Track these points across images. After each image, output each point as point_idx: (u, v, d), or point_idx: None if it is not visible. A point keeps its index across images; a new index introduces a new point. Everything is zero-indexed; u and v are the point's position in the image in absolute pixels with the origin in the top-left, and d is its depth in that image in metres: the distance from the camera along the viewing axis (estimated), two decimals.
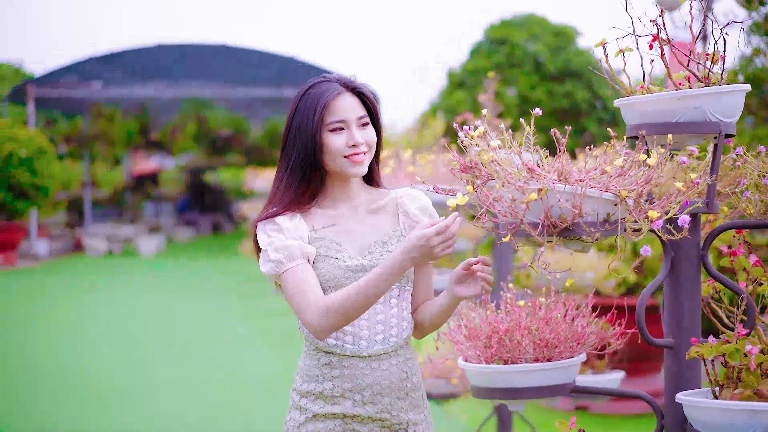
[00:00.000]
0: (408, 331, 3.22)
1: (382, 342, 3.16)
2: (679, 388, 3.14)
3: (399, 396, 3.17)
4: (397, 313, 3.19)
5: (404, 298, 3.22)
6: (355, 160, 3.17)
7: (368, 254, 3.17)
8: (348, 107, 3.19)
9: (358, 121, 3.20)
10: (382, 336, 3.15)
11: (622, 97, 3.23)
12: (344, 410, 3.12)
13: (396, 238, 3.20)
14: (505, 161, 2.96)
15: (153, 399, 8.69)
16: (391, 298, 3.18)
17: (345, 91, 3.21)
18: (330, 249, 3.15)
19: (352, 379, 3.12)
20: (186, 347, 11.51)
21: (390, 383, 3.15)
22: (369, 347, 3.14)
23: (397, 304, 3.19)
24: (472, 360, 3.54)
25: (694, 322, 3.20)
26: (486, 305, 3.58)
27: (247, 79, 26.47)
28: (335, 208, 3.24)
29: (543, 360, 3.44)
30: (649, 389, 7.53)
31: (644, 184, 2.87)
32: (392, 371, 3.15)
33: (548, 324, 3.46)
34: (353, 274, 3.13)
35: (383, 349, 3.15)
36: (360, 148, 3.17)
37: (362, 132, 3.20)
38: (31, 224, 23.12)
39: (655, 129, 3.10)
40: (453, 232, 2.96)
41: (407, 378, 3.20)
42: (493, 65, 22.88)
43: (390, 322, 3.17)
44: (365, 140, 3.20)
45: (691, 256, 3.19)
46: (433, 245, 2.93)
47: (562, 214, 2.88)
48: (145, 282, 18.65)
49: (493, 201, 2.92)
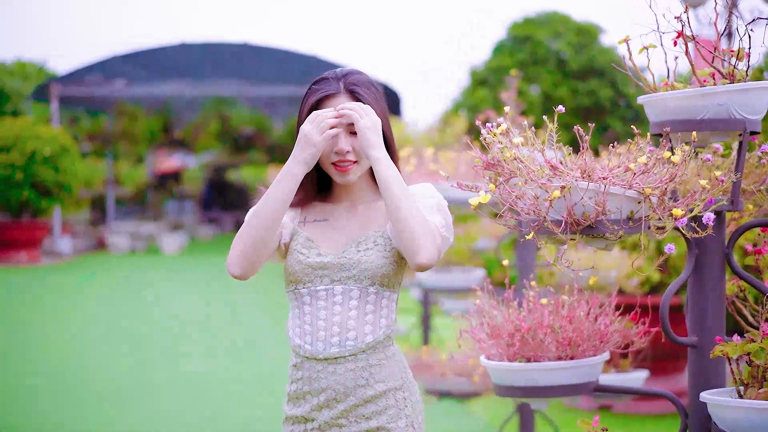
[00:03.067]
0: (372, 337, 3.00)
1: (338, 345, 2.98)
2: (703, 387, 3.12)
3: (357, 403, 2.98)
4: (357, 317, 3.00)
5: (369, 302, 3.02)
6: (340, 168, 3.04)
7: (342, 253, 3.03)
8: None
9: (347, 127, 3.01)
10: (337, 339, 2.98)
11: (646, 95, 3.21)
12: (304, 413, 3.03)
13: (373, 237, 3.03)
14: (528, 158, 2.95)
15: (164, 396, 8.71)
16: (350, 300, 3.00)
17: (341, 92, 3.06)
18: (302, 245, 3.06)
19: (311, 382, 3.00)
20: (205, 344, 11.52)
21: (345, 389, 2.98)
22: (325, 349, 2.99)
23: (357, 307, 3.00)
24: (495, 358, 3.53)
25: (719, 321, 3.18)
26: (509, 303, 3.57)
27: (270, 78, 26.50)
28: (334, 203, 3.15)
29: (566, 358, 3.43)
30: (674, 388, 7.49)
31: (668, 181, 2.85)
32: (348, 376, 2.98)
33: (571, 322, 3.44)
34: (312, 270, 3.02)
35: (339, 352, 2.98)
36: (346, 156, 3.02)
37: (352, 139, 3.03)
38: (54, 222, 23.21)
39: (679, 126, 3.08)
40: (325, 116, 2.96)
41: (368, 385, 2.99)
42: (516, 63, 22.83)
43: (347, 325, 2.99)
44: (355, 148, 3.03)
45: (716, 254, 3.17)
46: (307, 132, 2.93)
47: (585, 212, 2.86)
48: (168, 279, 18.70)
49: (516, 198, 2.91)
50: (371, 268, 2.99)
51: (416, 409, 3.08)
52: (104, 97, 28.03)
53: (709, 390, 3.03)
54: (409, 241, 2.88)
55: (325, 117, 2.96)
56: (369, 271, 2.99)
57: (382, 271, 3.00)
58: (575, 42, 23.61)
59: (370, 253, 3.01)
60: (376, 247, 3.02)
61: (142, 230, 26.37)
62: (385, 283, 3.02)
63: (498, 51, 24.16)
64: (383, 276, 3.01)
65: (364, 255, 3.00)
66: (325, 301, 3.01)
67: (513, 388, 3.43)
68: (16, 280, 17.89)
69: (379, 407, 2.99)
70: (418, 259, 2.86)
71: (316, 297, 3.02)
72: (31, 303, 14.94)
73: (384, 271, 3.01)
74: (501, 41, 24.35)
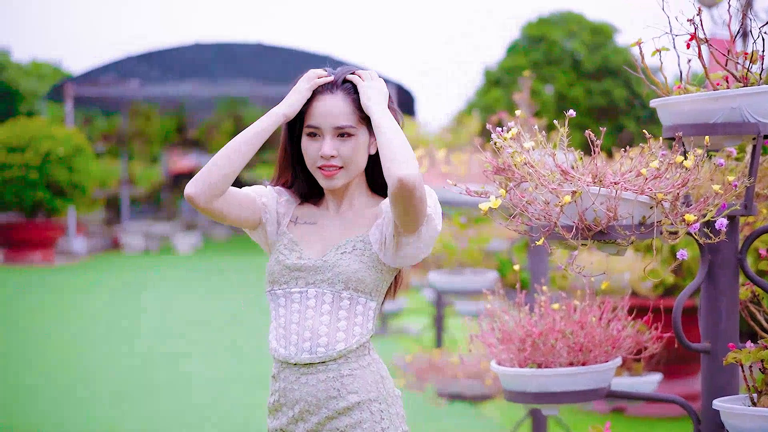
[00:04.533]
0: (345, 345, 2.89)
1: (309, 351, 2.88)
2: (716, 393, 3.09)
3: (330, 415, 2.88)
4: (330, 323, 2.89)
5: (343, 308, 2.90)
6: (326, 173, 2.92)
7: (322, 257, 2.94)
8: (327, 112, 2.92)
9: (335, 130, 2.90)
10: (309, 344, 2.88)
11: (659, 98, 3.18)
12: (282, 426, 2.95)
13: (352, 242, 2.93)
14: (538, 163, 2.92)
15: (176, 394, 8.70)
16: (323, 304, 2.90)
17: (335, 91, 2.94)
18: (284, 246, 3.00)
19: (285, 394, 2.92)
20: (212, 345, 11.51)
21: (317, 401, 2.88)
22: (297, 354, 2.89)
23: (330, 311, 2.89)
24: (506, 363, 3.50)
25: (732, 327, 3.15)
26: (520, 308, 3.54)
27: (283, 78, 26.44)
28: (326, 207, 3.05)
29: (577, 364, 3.40)
30: (687, 391, 7.44)
31: (681, 186, 2.82)
32: (319, 387, 2.88)
33: (583, 328, 3.42)
34: (289, 272, 2.94)
35: (310, 358, 2.88)
36: (330, 161, 2.91)
37: (338, 143, 2.91)
38: (69, 222, 23.24)
39: (692, 130, 3.05)
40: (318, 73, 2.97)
41: (339, 396, 2.88)
42: (530, 63, 22.77)
43: (318, 330, 2.88)
44: (340, 153, 2.91)
45: (729, 259, 3.13)
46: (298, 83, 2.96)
47: (596, 217, 2.83)
48: (182, 279, 18.70)
49: (526, 204, 2.88)
50: (345, 272, 2.89)
51: (395, 422, 2.94)
52: (118, 97, 28.07)
53: (722, 397, 3.00)
54: (389, 156, 2.72)
55: (317, 73, 2.95)
56: (343, 275, 2.89)
57: (356, 276, 2.89)
58: (589, 42, 23.54)
59: (346, 257, 2.91)
60: (353, 252, 2.92)
61: (156, 230, 26.39)
62: (360, 288, 2.90)
63: (512, 51, 24.11)
64: (358, 281, 2.89)
65: (341, 259, 2.91)
66: (299, 304, 2.92)
67: (524, 394, 3.40)
68: (28, 280, 17.91)
69: (353, 420, 2.88)
70: (398, 171, 2.67)
71: (290, 299, 2.94)
72: (39, 304, 14.94)
73: (359, 276, 2.89)
74: (515, 41, 24.30)
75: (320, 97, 2.93)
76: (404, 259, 2.92)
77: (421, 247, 2.89)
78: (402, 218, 2.77)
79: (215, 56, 26.01)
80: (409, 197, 2.69)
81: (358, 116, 2.92)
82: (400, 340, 10.91)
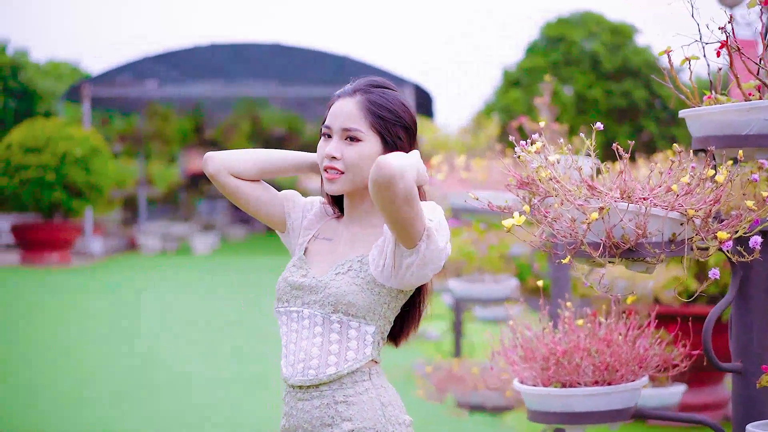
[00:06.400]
0: (335, 369, 2.74)
1: (302, 373, 2.76)
2: (749, 417, 2.97)
3: None
4: (321, 345, 2.75)
5: (334, 331, 2.75)
6: (327, 176, 2.82)
7: (324, 275, 2.81)
8: (338, 112, 2.82)
9: (342, 132, 2.79)
10: (302, 366, 2.76)
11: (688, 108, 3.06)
12: None
13: (350, 262, 2.78)
14: (564, 177, 2.80)
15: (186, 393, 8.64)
16: (315, 326, 2.77)
17: (354, 95, 2.81)
18: (293, 263, 2.90)
19: (288, 419, 2.82)
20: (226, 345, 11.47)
21: (312, 427, 2.76)
22: (293, 376, 2.78)
23: (322, 334, 2.76)
24: (528, 382, 3.39)
25: (765, 347, 3.02)
26: (543, 324, 3.43)
27: (301, 78, 26.43)
28: (345, 224, 2.92)
29: (603, 383, 3.29)
30: (713, 400, 7.33)
31: (713, 203, 2.70)
32: (314, 414, 2.76)
33: (609, 346, 3.30)
34: (290, 290, 2.83)
35: (302, 381, 2.76)
36: (333, 163, 2.79)
37: (344, 146, 2.80)
38: (86, 222, 23.23)
39: (723, 141, 2.93)
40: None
41: (334, 424, 2.74)
42: (549, 63, 22.65)
43: (310, 352, 2.76)
44: (344, 157, 2.78)
45: (762, 276, 3.01)
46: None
47: (624, 234, 2.72)
48: (199, 280, 18.65)
49: (552, 220, 2.76)
50: (334, 294, 2.74)
51: None
52: (136, 98, 28.08)
53: (755, 422, 2.88)
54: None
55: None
56: (332, 297, 2.75)
57: (346, 299, 2.73)
58: (609, 42, 23.39)
59: (339, 278, 2.76)
60: (348, 273, 2.77)
61: (174, 231, 26.36)
62: (351, 312, 2.74)
63: (531, 51, 23.98)
64: (348, 304, 2.73)
65: (334, 280, 2.77)
66: (297, 323, 2.81)
67: (548, 414, 3.30)
68: (44, 281, 17.90)
69: None
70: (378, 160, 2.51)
71: (289, 318, 2.83)
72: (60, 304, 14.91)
73: (349, 299, 2.73)
74: (534, 41, 24.17)
75: (339, 99, 2.84)
76: (405, 279, 2.72)
77: (422, 265, 2.68)
78: (391, 223, 2.60)
79: (232, 56, 25.99)
80: (386, 186, 2.50)
81: (369, 123, 2.78)
82: (419, 346, 10.79)
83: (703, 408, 7.33)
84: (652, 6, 23.71)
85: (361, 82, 2.86)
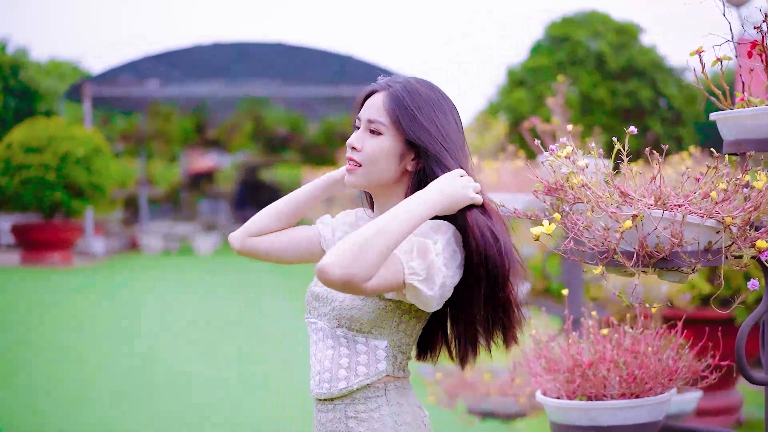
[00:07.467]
0: (346, 384, 2.63)
1: (318, 385, 2.69)
2: None
3: None
4: (333, 358, 2.66)
5: (343, 345, 2.65)
6: (347, 167, 2.72)
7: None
8: (369, 105, 2.70)
9: (367, 123, 2.68)
10: (318, 378, 2.69)
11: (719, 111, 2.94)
12: None
13: None
14: (595, 183, 2.68)
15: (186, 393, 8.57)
16: (327, 338, 2.67)
17: (381, 89, 2.69)
18: None
19: (314, 429, 2.73)
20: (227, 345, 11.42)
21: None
22: (313, 387, 2.71)
23: (333, 347, 2.66)
24: (552, 394, 3.27)
25: None
26: (567, 334, 3.31)
27: (304, 78, 26.33)
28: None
29: (630, 396, 3.17)
30: (728, 404, 7.23)
31: (752, 210, 2.58)
32: (328, 427, 2.67)
33: (636, 357, 3.18)
34: (312, 300, 2.73)
35: (319, 393, 2.68)
36: (352, 154, 2.69)
37: (366, 137, 2.68)
38: (87, 222, 23.15)
39: (756, 145, 2.81)
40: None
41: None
42: (554, 63, 22.52)
43: (324, 365, 2.68)
44: (363, 148, 2.67)
45: None
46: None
47: (659, 243, 2.59)
48: (200, 280, 18.57)
49: (583, 229, 2.63)
50: (339, 308, 2.63)
51: None
52: (138, 97, 27.99)
53: None
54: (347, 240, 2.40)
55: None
56: (336, 310, 2.63)
57: (350, 314, 2.62)
58: (614, 42, 23.25)
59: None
60: None
61: (176, 230, 26.27)
62: (355, 327, 2.63)
63: (536, 51, 23.84)
64: (351, 319, 2.62)
65: (339, 292, 2.64)
66: (315, 335, 2.72)
67: (572, 428, 3.18)
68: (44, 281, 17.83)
69: None
70: (326, 257, 2.37)
71: (310, 329, 2.75)
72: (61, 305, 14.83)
73: (353, 313, 2.62)
74: (539, 41, 24.03)
75: (374, 93, 2.72)
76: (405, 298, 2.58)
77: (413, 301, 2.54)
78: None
79: (235, 56, 25.89)
80: (341, 289, 2.39)
81: (393, 119, 2.65)
82: None
83: (717, 413, 7.24)
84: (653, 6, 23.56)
85: (397, 78, 2.74)
